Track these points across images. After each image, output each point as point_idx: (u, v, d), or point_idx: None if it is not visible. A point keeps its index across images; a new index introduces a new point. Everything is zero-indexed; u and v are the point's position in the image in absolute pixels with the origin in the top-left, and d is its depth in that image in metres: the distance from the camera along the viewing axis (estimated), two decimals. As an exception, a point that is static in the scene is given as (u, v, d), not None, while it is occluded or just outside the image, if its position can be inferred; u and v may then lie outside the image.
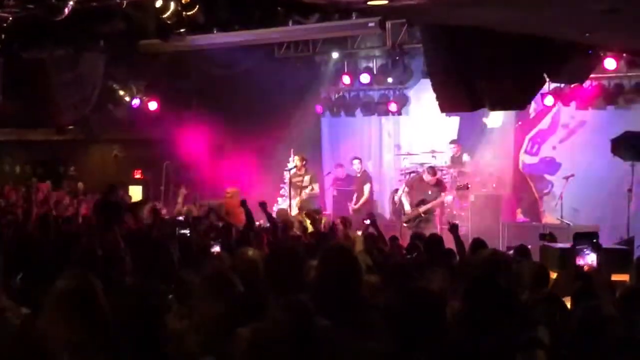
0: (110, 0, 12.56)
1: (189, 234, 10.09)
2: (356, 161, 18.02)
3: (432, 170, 16.09)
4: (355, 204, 17.53)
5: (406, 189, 16.28)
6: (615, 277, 6.64)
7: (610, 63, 14.81)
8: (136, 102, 18.49)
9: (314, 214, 13.42)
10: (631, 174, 13.46)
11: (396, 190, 17.43)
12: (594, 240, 6.06)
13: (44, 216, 11.41)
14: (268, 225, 11.32)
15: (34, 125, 17.81)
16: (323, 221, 13.67)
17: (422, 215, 15.64)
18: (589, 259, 6.03)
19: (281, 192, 18.15)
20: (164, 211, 15.34)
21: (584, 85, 15.31)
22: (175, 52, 15.30)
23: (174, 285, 5.99)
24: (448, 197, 15.99)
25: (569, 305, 5.71)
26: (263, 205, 11.22)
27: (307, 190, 17.00)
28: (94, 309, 4.29)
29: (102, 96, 17.38)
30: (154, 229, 10.75)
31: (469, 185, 15.89)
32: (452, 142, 17.67)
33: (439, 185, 15.96)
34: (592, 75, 14.26)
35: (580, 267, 6.06)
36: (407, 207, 16.06)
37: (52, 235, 9.93)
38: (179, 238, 9.57)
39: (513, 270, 6.01)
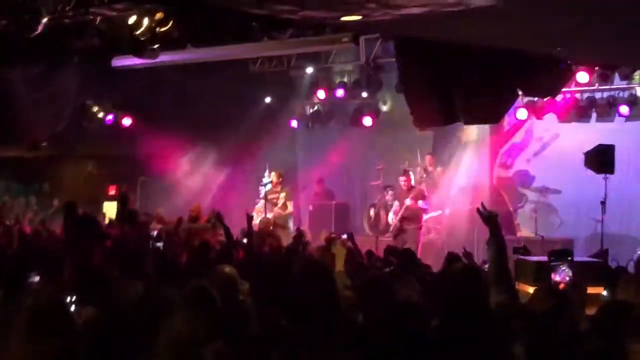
0: (84, 16, 12.51)
1: (162, 248, 10.04)
2: None
3: (405, 172, 16.21)
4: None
5: (384, 204, 16.33)
6: (589, 290, 6.66)
7: (582, 76, 14.92)
8: (110, 118, 18.43)
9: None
10: (604, 186, 13.53)
11: (372, 205, 17.46)
12: (569, 258, 6.09)
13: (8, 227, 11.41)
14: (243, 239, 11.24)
15: (6, 142, 17.67)
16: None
17: (399, 225, 15.67)
18: (565, 275, 6.05)
19: (256, 207, 18.12)
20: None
21: (557, 98, 15.39)
22: (149, 68, 15.24)
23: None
24: (420, 202, 16.03)
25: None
26: (249, 219, 11.20)
27: (277, 208, 16.91)
28: (63, 326, 4.25)
29: (76, 112, 17.32)
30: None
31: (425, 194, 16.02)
32: (428, 154, 17.71)
33: (413, 191, 16.03)
34: (564, 89, 14.34)
35: (556, 283, 6.09)
36: (390, 218, 16.10)
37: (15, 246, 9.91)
38: (153, 252, 9.54)
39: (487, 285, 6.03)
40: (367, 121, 18.51)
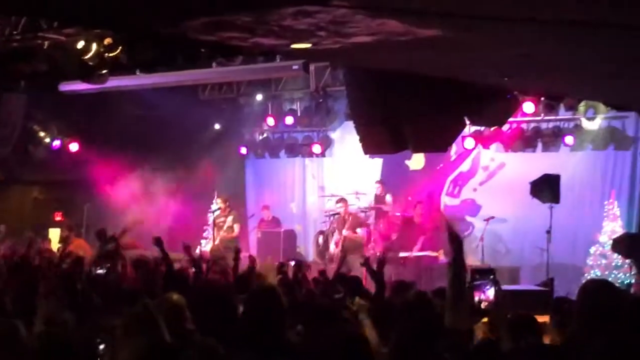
0: (32, 41, 12.42)
1: (104, 274, 9.88)
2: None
3: (342, 200, 16.35)
4: None
5: (335, 231, 16.39)
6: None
7: (528, 107, 15.12)
8: (57, 143, 18.25)
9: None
10: (549, 215, 13.70)
11: (321, 232, 17.48)
12: (492, 276, 6.13)
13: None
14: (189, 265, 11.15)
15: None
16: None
17: (342, 255, 15.69)
18: (489, 294, 6.08)
19: (204, 234, 18.03)
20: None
21: (503, 128, 15.57)
22: (97, 93, 15.13)
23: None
24: (358, 230, 16.13)
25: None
26: (187, 249, 11.13)
27: (223, 231, 16.87)
28: (18, 355, 4.20)
29: (22, 137, 17.12)
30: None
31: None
32: (377, 182, 17.78)
33: (349, 221, 16.13)
34: (511, 119, 14.53)
35: (479, 302, 6.12)
36: (331, 248, 16.13)
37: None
38: (96, 278, 9.42)
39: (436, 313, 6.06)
40: (317, 149, 18.57)
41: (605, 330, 4.56)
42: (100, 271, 9.87)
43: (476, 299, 6.04)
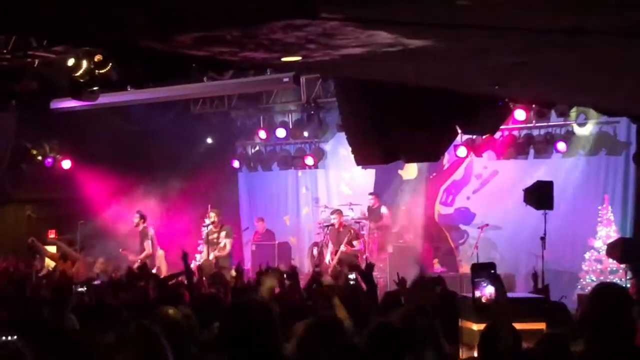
0: (22, 59, 12.42)
1: (84, 292, 9.82)
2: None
3: (337, 211, 16.32)
4: None
5: (329, 243, 16.38)
6: (530, 326, 6.71)
7: (520, 114, 15.20)
8: (49, 160, 18.22)
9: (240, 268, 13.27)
10: (543, 222, 13.71)
11: (315, 244, 17.47)
12: (492, 271, 6.04)
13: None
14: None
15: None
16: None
17: (338, 267, 15.66)
18: (487, 291, 6.02)
19: (199, 248, 18.00)
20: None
21: (495, 136, 15.61)
22: (88, 110, 15.11)
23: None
24: (355, 243, 16.10)
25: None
26: (185, 257, 11.09)
27: (217, 251, 16.69)
28: None
29: (15, 156, 17.09)
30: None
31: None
32: (371, 194, 17.79)
33: (346, 230, 16.11)
34: (503, 126, 14.55)
35: (479, 299, 6.05)
36: (327, 260, 16.11)
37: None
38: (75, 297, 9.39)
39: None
40: (309, 160, 18.59)
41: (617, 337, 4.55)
42: (80, 289, 9.80)
43: (477, 295, 5.98)
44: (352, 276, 10.07)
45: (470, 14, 5.23)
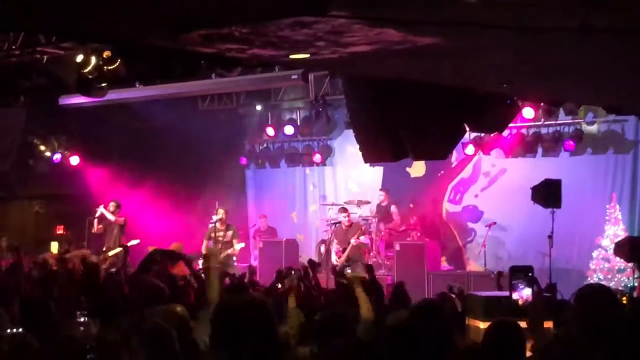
0: (30, 56, 12.43)
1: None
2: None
3: (343, 209, 16.28)
4: None
5: (334, 241, 16.32)
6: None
7: (528, 112, 15.17)
8: (57, 157, 18.26)
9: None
10: (551, 220, 13.67)
11: (323, 241, 17.46)
12: (529, 274, 6.07)
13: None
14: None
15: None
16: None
17: (346, 263, 15.66)
18: (524, 293, 6.04)
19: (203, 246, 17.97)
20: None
21: (503, 134, 15.58)
22: (97, 106, 15.13)
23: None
24: (362, 238, 16.03)
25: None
26: (188, 262, 11.07)
27: (229, 250, 16.49)
28: None
29: (22, 151, 17.12)
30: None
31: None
32: (382, 189, 17.78)
33: (355, 227, 16.07)
34: (511, 124, 14.52)
35: (515, 302, 6.08)
36: (333, 258, 16.08)
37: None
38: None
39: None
40: (317, 158, 18.60)
41: (606, 339, 4.54)
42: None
43: (514, 297, 6.00)
44: (348, 270, 10.11)
45: (479, 12, 5.23)
